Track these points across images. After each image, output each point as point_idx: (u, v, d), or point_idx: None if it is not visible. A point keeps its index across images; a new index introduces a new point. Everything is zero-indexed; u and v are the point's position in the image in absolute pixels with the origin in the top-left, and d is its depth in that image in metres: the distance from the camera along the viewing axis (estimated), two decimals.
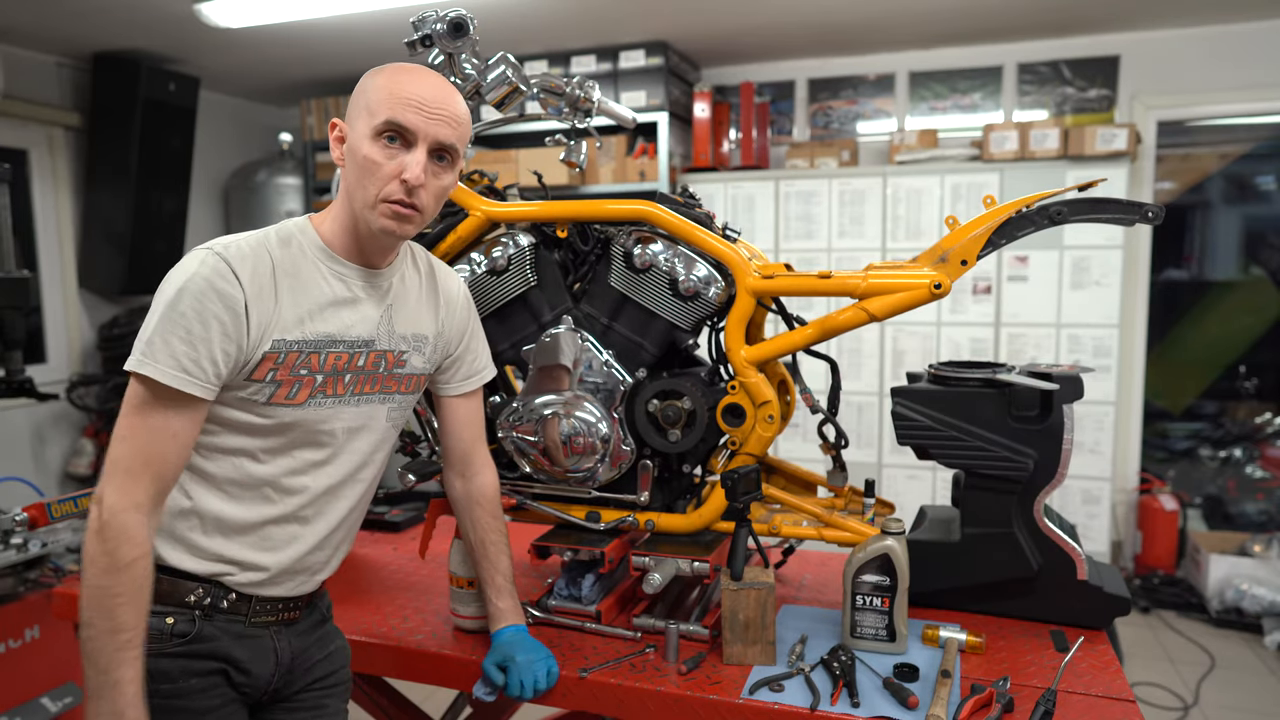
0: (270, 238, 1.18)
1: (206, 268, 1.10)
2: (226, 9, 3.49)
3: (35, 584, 2.44)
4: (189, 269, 1.10)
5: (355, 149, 1.17)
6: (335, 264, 1.21)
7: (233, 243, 1.14)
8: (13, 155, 4.13)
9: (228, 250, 1.12)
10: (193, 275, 1.09)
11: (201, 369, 1.09)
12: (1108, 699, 1.27)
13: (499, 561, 1.45)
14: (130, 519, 1.06)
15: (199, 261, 1.11)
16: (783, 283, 1.50)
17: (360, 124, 1.16)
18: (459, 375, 1.42)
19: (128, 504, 1.07)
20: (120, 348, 4.37)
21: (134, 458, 1.08)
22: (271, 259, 1.16)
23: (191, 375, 1.08)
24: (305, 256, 1.19)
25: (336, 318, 1.20)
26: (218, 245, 1.13)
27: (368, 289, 1.24)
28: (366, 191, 1.16)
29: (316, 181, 4.80)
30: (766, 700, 1.29)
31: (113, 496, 1.07)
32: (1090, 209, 1.42)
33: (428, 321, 1.34)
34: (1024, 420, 1.47)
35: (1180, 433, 4.96)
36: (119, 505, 1.06)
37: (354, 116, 1.19)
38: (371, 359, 1.25)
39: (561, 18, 3.78)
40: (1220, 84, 4.02)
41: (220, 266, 1.10)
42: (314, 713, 1.32)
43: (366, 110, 1.16)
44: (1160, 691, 3.19)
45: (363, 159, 1.15)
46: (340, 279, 1.21)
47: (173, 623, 1.17)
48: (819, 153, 4.26)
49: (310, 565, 1.27)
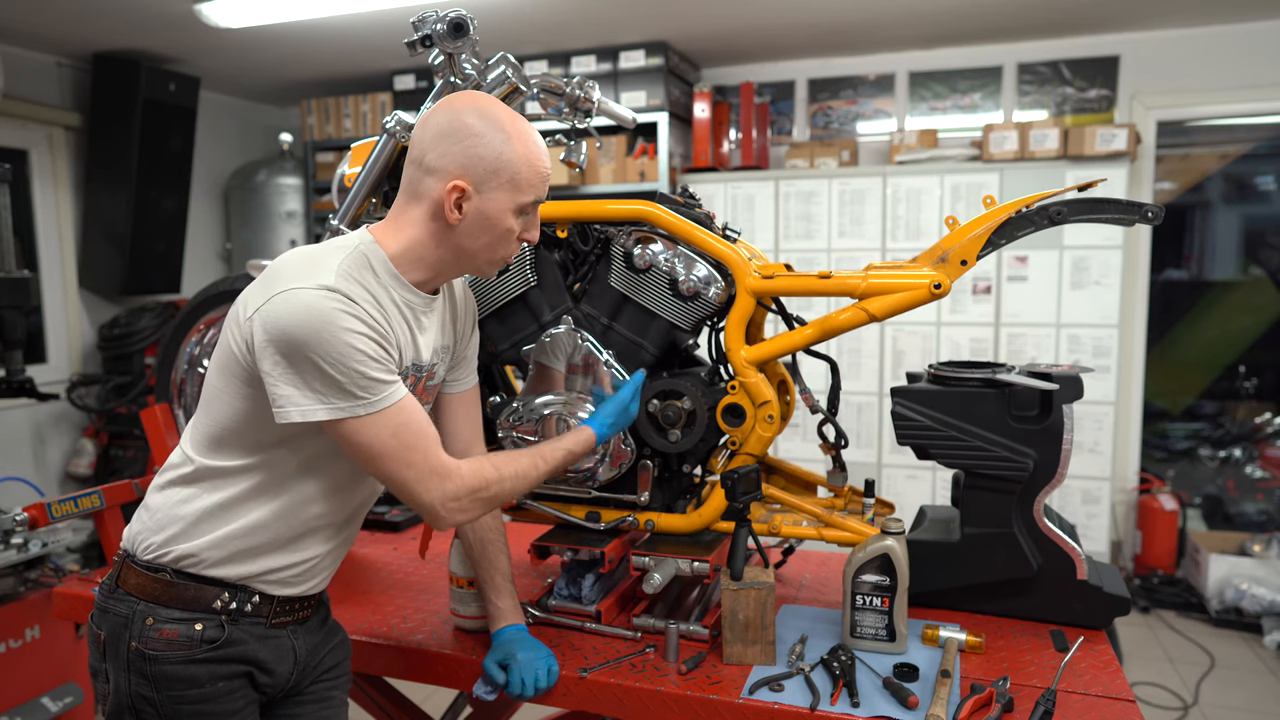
0: (351, 269, 1.14)
1: (337, 312, 1.09)
2: (226, 9, 3.49)
3: (35, 584, 2.45)
4: (324, 311, 1.08)
5: (495, 219, 1.20)
6: (408, 293, 1.22)
7: (342, 285, 1.11)
8: (13, 155, 4.13)
9: (351, 293, 1.11)
10: (332, 313, 1.08)
11: (394, 372, 1.16)
12: (1107, 699, 1.27)
13: (497, 561, 1.46)
14: (462, 471, 1.20)
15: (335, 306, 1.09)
16: (783, 283, 1.50)
17: (503, 197, 1.19)
18: (461, 374, 1.43)
19: (450, 469, 1.19)
20: (120, 347, 4.36)
21: (416, 453, 1.16)
22: (370, 295, 1.15)
23: (393, 372, 1.15)
24: (383, 287, 1.18)
25: (412, 348, 1.23)
26: (337, 285, 1.10)
27: (428, 316, 1.27)
28: (495, 253, 1.24)
29: (316, 181, 4.79)
30: (766, 700, 1.29)
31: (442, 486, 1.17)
32: (1090, 209, 1.42)
33: (449, 332, 1.36)
34: (1024, 420, 1.47)
35: (1180, 433, 4.96)
36: (449, 484, 1.18)
37: (490, 186, 1.18)
38: (425, 377, 1.29)
39: (561, 18, 3.78)
40: (1220, 84, 4.02)
41: (349, 306, 1.10)
42: (321, 704, 1.34)
43: (512, 185, 1.19)
44: (1160, 691, 3.19)
45: (505, 231, 1.22)
46: (410, 308, 1.23)
47: (201, 629, 1.18)
48: (819, 153, 4.26)
49: (326, 567, 1.30)
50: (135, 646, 1.17)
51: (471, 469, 1.22)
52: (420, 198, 1.19)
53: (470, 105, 1.18)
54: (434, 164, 1.17)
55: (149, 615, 1.18)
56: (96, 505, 1.97)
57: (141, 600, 1.19)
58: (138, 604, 1.19)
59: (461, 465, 1.21)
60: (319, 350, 1.08)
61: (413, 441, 1.15)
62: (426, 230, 1.20)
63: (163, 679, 1.16)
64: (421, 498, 1.17)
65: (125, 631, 1.18)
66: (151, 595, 1.18)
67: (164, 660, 1.16)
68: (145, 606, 1.18)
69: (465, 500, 1.20)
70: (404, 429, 1.14)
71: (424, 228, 1.20)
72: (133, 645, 1.17)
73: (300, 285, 1.09)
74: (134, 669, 1.17)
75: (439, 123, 1.18)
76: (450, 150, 1.16)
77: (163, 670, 1.16)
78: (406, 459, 1.15)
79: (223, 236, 5.20)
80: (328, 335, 1.07)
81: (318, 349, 1.07)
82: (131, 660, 1.17)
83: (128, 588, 1.20)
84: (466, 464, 1.22)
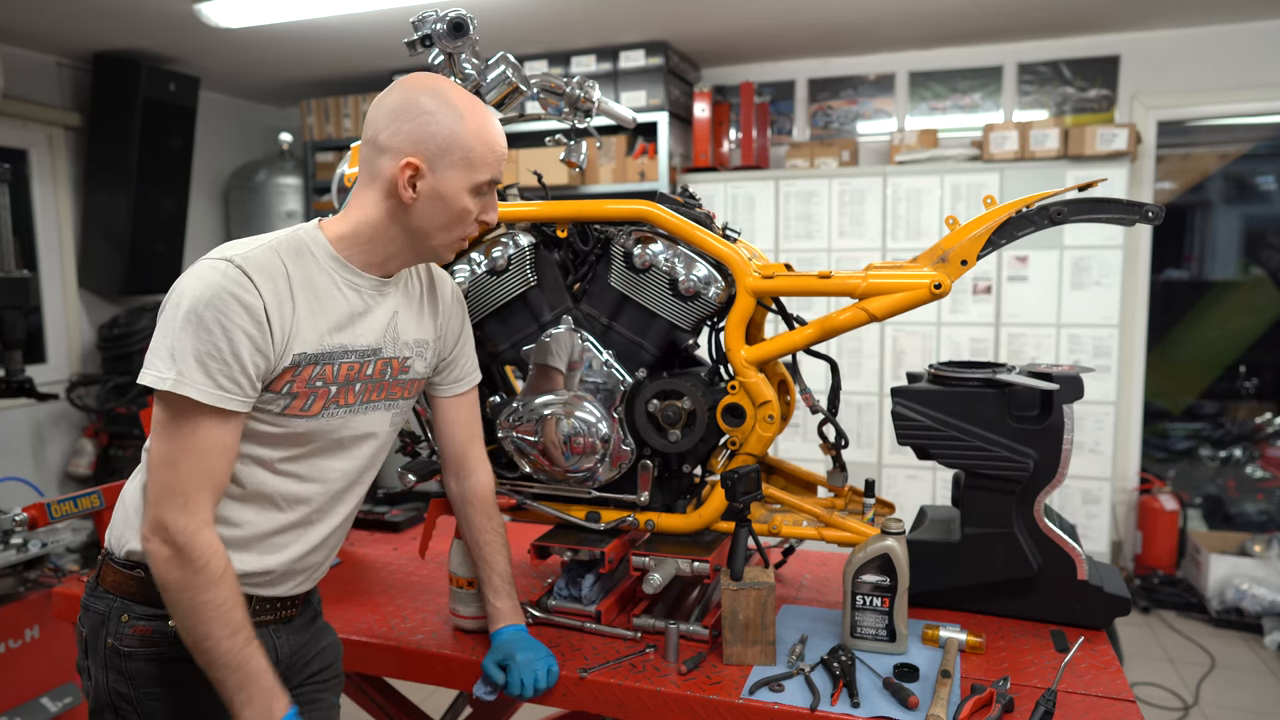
0: (281, 247, 1.15)
1: (228, 280, 1.06)
2: (226, 9, 3.49)
3: (35, 584, 2.45)
4: (209, 280, 1.06)
5: (450, 198, 1.19)
6: (350, 274, 1.20)
7: (249, 253, 1.11)
8: (13, 155, 4.13)
9: (246, 262, 1.09)
10: (215, 287, 1.06)
11: (238, 384, 1.08)
12: (1108, 699, 1.27)
13: (495, 561, 1.45)
14: (205, 535, 1.08)
15: (220, 273, 1.07)
16: (783, 283, 1.50)
17: (456, 175, 1.18)
18: (452, 377, 1.43)
19: (198, 523, 1.08)
20: (120, 347, 4.36)
21: (189, 479, 1.07)
22: (286, 270, 1.13)
23: (229, 392, 1.07)
24: (319, 267, 1.17)
25: (350, 329, 1.20)
26: (234, 256, 1.09)
27: (378, 298, 1.25)
28: (451, 234, 1.22)
29: (316, 181, 4.79)
30: (766, 700, 1.29)
31: (180, 520, 1.07)
32: (1090, 209, 1.42)
33: (428, 326, 1.34)
34: (1024, 420, 1.47)
35: (1180, 433, 4.96)
36: (190, 526, 1.07)
37: (441, 163, 1.17)
38: (379, 366, 1.25)
39: (561, 18, 3.78)
40: (1220, 84, 4.02)
41: (240, 279, 1.07)
42: (309, 707, 1.33)
43: (466, 163, 1.18)
44: (1160, 691, 3.19)
45: (460, 210, 1.20)
46: (354, 289, 1.21)
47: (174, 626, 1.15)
48: (819, 153, 4.26)
49: (310, 565, 1.28)
50: (111, 643, 1.17)
51: (205, 538, 1.08)
52: (375, 178, 1.19)
53: (423, 85, 1.18)
54: (386, 143, 1.16)
55: (124, 612, 1.17)
56: (96, 505, 1.98)
57: (118, 597, 1.18)
58: (114, 601, 1.18)
59: (204, 527, 1.08)
60: (176, 314, 1.06)
61: (187, 451, 1.06)
62: (381, 210, 1.19)
63: (138, 676, 1.16)
64: (147, 509, 1.09)
65: (103, 628, 1.18)
66: (126, 592, 1.18)
67: (138, 657, 1.16)
68: (121, 603, 1.18)
69: (164, 547, 1.07)
70: (193, 434, 1.06)
71: (379, 208, 1.19)
72: (109, 642, 1.17)
73: (211, 256, 1.10)
74: (111, 666, 1.17)
75: (392, 102, 1.17)
76: (403, 129, 1.16)
77: (137, 667, 1.16)
78: (167, 460, 1.07)
79: (223, 236, 5.20)
80: (197, 304, 1.05)
81: (176, 312, 1.06)
82: (109, 657, 1.17)
83: (106, 585, 1.20)
84: (208, 533, 1.09)
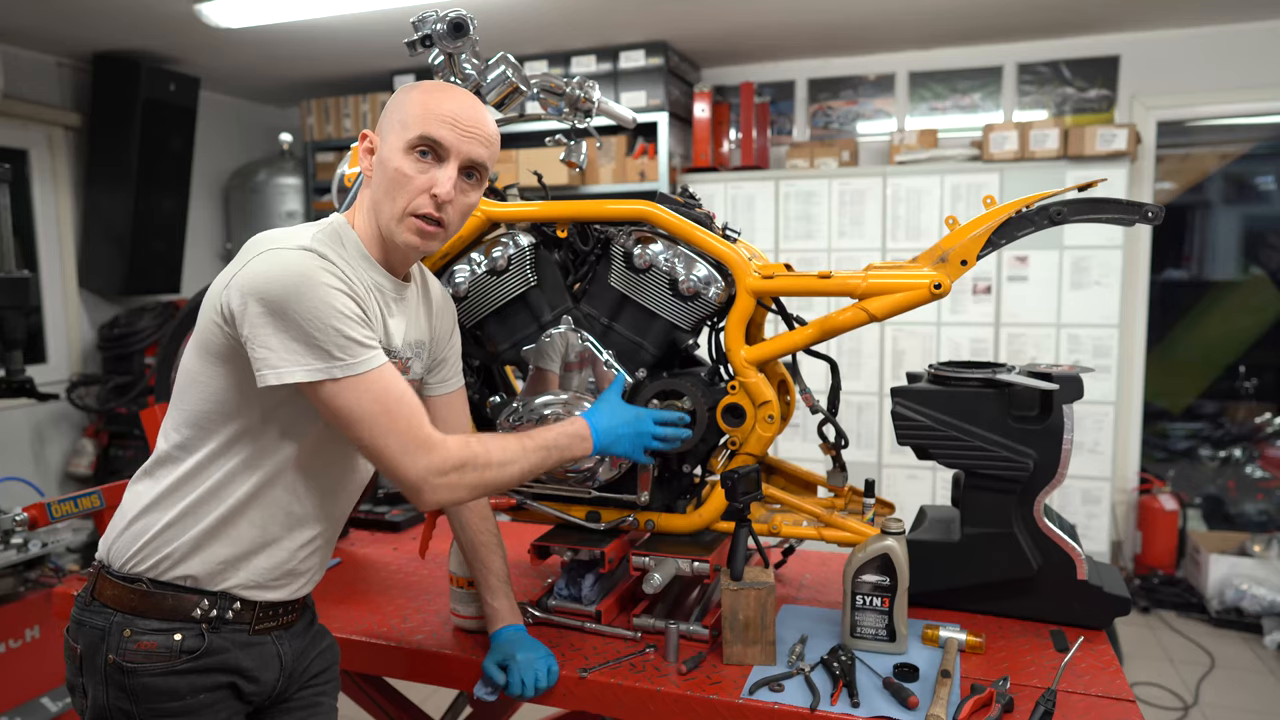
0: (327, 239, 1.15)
1: (316, 269, 1.08)
2: (226, 9, 3.49)
3: (35, 584, 2.45)
4: (303, 266, 1.07)
5: (386, 161, 1.17)
6: (378, 275, 1.22)
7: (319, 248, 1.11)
8: (13, 155, 4.13)
9: (328, 255, 1.11)
10: (311, 269, 1.08)
11: (374, 338, 1.13)
12: (1108, 699, 1.27)
13: (490, 562, 1.45)
14: (451, 443, 1.16)
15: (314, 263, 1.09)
16: (783, 283, 1.50)
17: (393, 137, 1.17)
18: (442, 375, 1.43)
19: (442, 445, 1.14)
20: (120, 347, 4.36)
21: (409, 424, 1.12)
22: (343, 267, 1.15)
23: (371, 341, 1.12)
24: (353, 266, 1.17)
25: (383, 331, 1.21)
26: (314, 246, 1.11)
27: (399, 303, 1.26)
28: (395, 204, 1.17)
29: (316, 182, 4.79)
30: (766, 700, 1.29)
31: (432, 458, 1.13)
32: (1090, 209, 1.42)
33: (424, 327, 1.35)
34: (1024, 420, 1.47)
35: (1180, 433, 4.96)
36: (441, 452, 1.13)
37: (386, 129, 1.19)
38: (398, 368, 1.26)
39: (561, 18, 3.78)
40: (1220, 84, 4.02)
41: (328, 265, 1.10)
42: (308, 711, 1.32)
43: (400, 124, 1.17)
44: (1160, 691, 3.19)
45: (394, 171, 1.16)
46: (379, 290, 1.22)
47: (181, 639, 1.15)
48: (819, 153, 4.26)
49: (310, 567, 1.28)
50: (113, 659, 1.14)
51: (458, 443, 1.16)
52: None
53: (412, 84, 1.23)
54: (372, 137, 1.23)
55: (126, 627, 1.15)
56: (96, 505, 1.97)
57: (118, 612, 1.15)
58: (114, 615, 1.15)
59: (448, 439, 1.16)
60: (297, 306, 1.06)
61: (395, 408, 1.11)
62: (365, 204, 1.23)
63: (142, 691, 1.14)
64: (405, 471, 1.12)
65: (102, 644, 1.15)
66: (129, 606, 1.16)
67: (143, 673, 1.13)
68: (122, 618, 1.15)
69: (452, 476, 1.14)
70: (386, 394, 1.10)
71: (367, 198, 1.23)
72: (110, 658, 1.14)
73: (279, 246, 1.10)
74: (112, 682, 1.14)
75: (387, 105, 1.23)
76: (380, 120, 1.22)
77: (142, 683, 1.13)
78: (388, 427, 1.10)
79: (223, 236, 5.20)
80: (306, 289, 1.06)
81: (296, 304, 1.06)
82: (109, 674, 1.14)
83: (104, 599, 1.17)
84: (453, 439, 1.17)
